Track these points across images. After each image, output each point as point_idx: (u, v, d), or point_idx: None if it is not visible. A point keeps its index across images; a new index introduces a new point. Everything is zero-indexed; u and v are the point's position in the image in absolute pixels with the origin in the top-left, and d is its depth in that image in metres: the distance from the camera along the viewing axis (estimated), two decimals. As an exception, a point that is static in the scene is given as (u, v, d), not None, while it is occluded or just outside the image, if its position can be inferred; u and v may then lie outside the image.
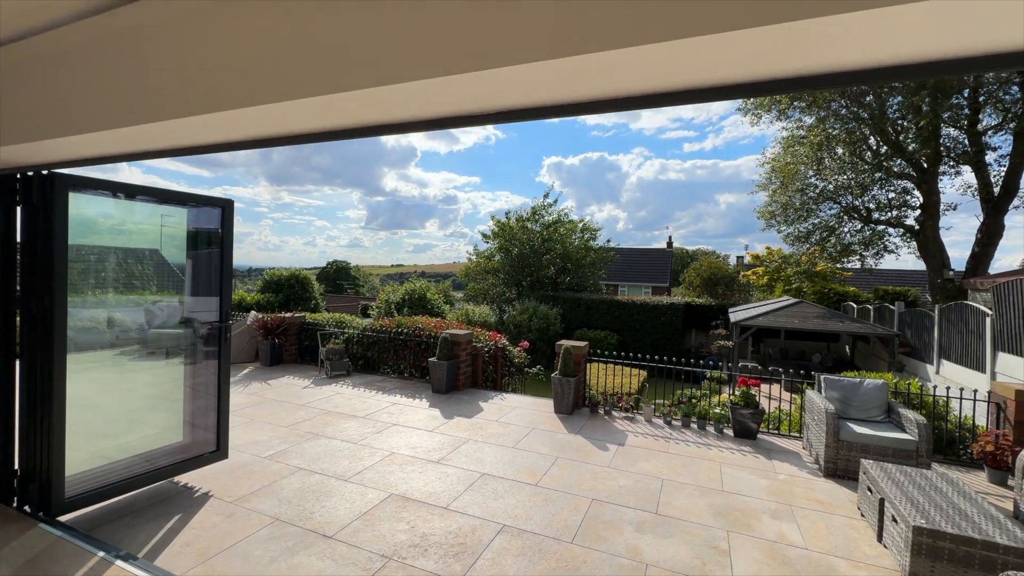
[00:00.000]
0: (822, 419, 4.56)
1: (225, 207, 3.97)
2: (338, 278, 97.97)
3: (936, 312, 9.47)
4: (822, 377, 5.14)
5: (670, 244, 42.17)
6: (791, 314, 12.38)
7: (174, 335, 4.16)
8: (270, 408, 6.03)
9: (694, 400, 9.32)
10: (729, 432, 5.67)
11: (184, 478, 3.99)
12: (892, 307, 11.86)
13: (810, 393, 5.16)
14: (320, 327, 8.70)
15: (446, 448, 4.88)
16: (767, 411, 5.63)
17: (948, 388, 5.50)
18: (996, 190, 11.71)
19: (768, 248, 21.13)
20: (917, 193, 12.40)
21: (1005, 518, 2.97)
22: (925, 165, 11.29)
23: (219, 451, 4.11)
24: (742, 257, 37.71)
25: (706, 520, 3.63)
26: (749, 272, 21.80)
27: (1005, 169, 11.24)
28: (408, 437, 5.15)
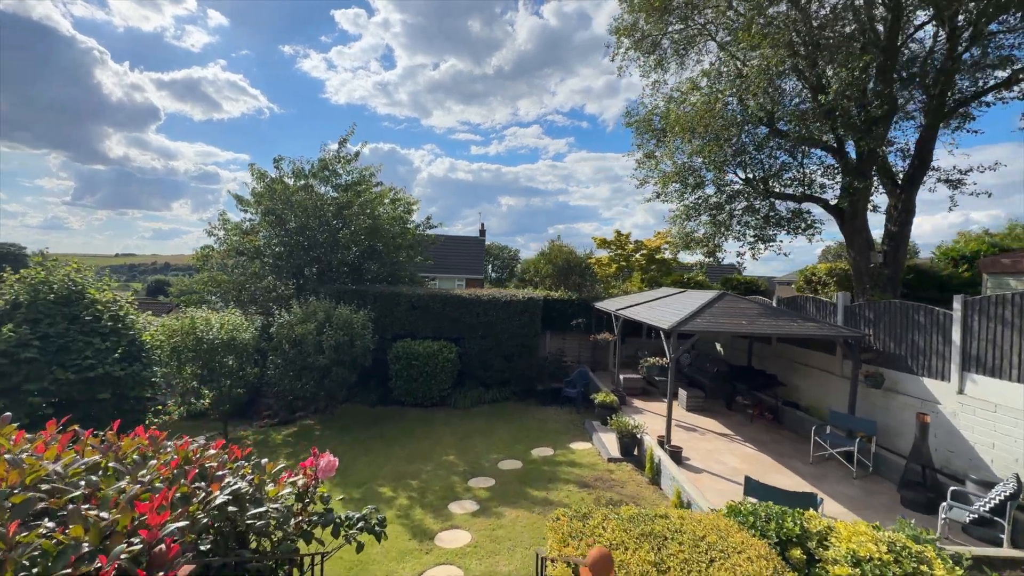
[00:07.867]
0: None
1: None
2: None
3: (959, 305, 6.59)
4: None
5: (483, 232, 38.49)
6: (725, 313, 8.74)
7: None
8: None
9: None
10: None
11: None
12: (828, 300, 9.24)
13: None
14: None
15: None
16: None
17: None
18: (896, 160, 10.24)
19: (617, 232, 18.46)
20: (831, 160, 10.25)
21: None
22: (860, 124, 8.87)
23: None
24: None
25: None
26: (592, 259, 18.89)
27: (916, 138, 9.67)
28: None
